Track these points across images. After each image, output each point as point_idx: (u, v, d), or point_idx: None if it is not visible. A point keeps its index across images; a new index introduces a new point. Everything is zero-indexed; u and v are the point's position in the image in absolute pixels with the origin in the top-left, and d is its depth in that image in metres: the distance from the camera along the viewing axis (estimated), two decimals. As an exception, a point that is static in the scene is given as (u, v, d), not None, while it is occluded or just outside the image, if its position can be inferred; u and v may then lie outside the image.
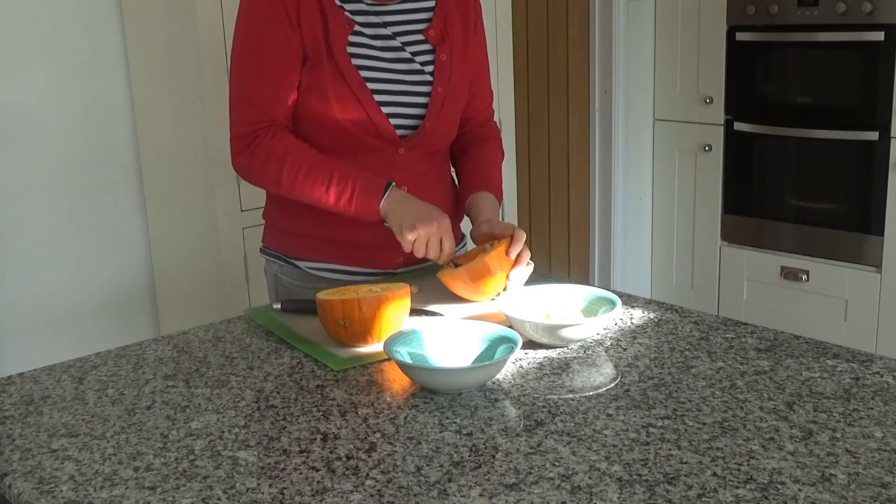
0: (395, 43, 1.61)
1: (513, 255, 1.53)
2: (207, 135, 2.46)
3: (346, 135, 1.58)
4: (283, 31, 1.55)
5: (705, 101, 3.40)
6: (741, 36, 3.27)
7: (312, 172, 1.55)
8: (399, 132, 1.62)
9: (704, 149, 3.44)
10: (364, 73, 1.57)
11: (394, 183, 1.55)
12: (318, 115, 1.57)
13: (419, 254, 1.52)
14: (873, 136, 2.98)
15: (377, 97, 1.58)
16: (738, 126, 3.33)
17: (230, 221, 2.52)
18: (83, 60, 2.68)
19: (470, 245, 1.75)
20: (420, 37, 1.63)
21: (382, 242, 1.65)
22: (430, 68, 1.63)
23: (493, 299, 1.55)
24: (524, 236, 1.55)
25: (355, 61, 1.57)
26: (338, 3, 1.57)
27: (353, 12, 1.58)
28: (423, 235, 1.50)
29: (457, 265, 1.55)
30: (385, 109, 1.59)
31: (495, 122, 1.87)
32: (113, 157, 2.77)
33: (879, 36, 2.91)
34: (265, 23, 1.55)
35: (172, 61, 2.56)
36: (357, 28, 1.58)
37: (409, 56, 1.62)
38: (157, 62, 2.64)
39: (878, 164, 2.99)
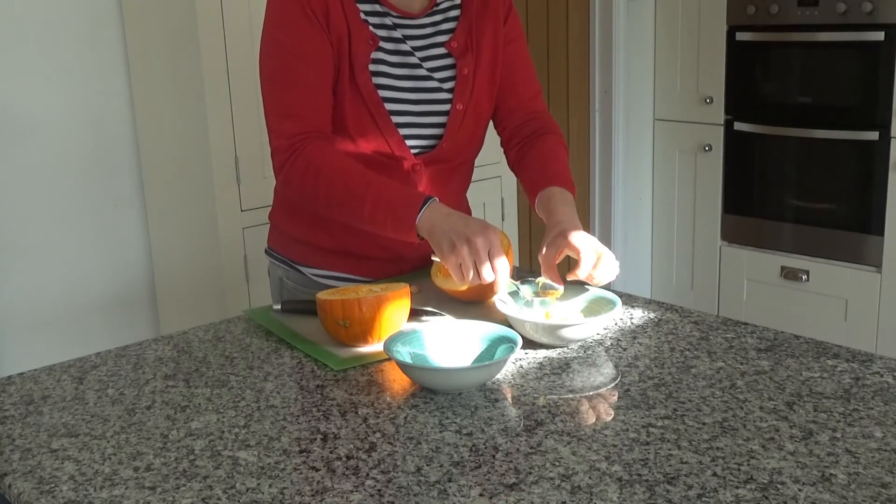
0: (413, 59, 1.55)
1: (579, 275, 1.40)
2: (208, 135, 2.46)
3: (360, 153, 1.54)
4: (319, 36, 1.48)
5: (705, 101, 3.40)
6: (741, 36, 3.27)
7: (348, 184, 1.45)
8: (415, 151, 1.57)
9: (704, 149, 3.44)
10: (382, 93, 1.52)
11: (435, 199, 1.41)
12: (335, 132, 1.53)
13: (470, 279, 1.34)
14: (873, 136, 2.98)
15: (395, 118, 1.54)
16: (738, 126, 3.33)
17: (230, 221, 2.52)
18: (83, 60, 2.68)
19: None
20: (442, 50, 1.57)
21: (393, 256, 1.64)
22: (449, 84, 1.58)
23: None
24: (593, 261, 1.40)
25: (375, 80, 1.52)
26: (363, 17, 1.51)
27: (377, 26, 1.52)
28: (467, 255, 1.33)
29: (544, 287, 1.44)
30: (402, 131, 1.55)
31: (551, 116, 1.73)
32: (113, 158, 2.77)
33: (879, 36, 2.91)
34: (298, 29, 1.48)
35: (172, 61, 2.57)
36: (381, 44, 1.52)
37: (427, 73, 1.56)
38: (157, 62, 2.64)
39: (878, 164, 2.99)
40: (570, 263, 1.46)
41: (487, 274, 1.33)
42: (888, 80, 2.92)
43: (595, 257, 1.40)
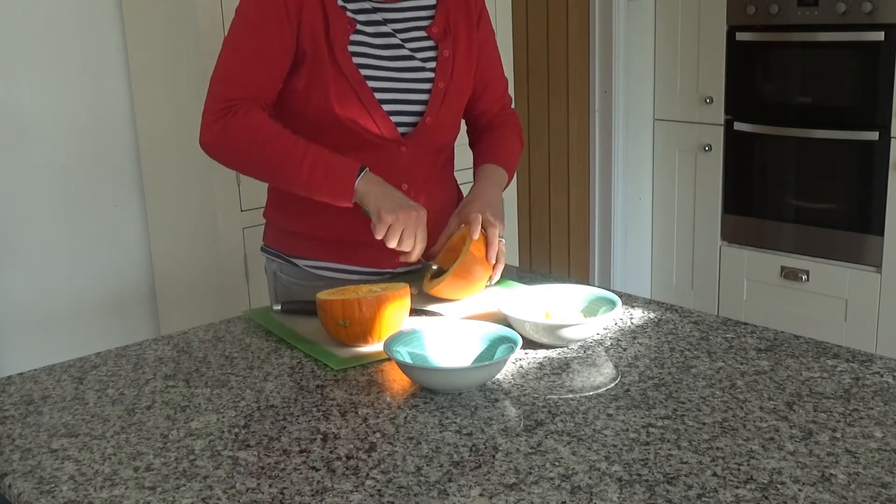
0: (395, 40, 1.61)
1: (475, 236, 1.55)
2: (207, 135, 2.45)
3: (348, 133, 1.58)
4: (281, 29, 1.55)
5: (705, 101, 3.40)
6: (741, 36, 3.27)
7: (285, 147, 1.53)
8: (400, 129, 1.62)
9: (704, 149, 3.44)
10: (364, 72, 1.58)
11: (368, 168, 1.52)
12: (320, 114, 1.58)
13: (391, 243, 1.49)
14: (873, 136, 2.98)
15: (378, 95, 1.59)
16: (738, 126, 3.33)
17: (230, 221, 2.52)
18: (83, 60, 2.68)
19: None
20: (423, 34, 1.64)
21: (381, 243, 1.65)
22: (431, 64, 1.64)
23: (487, 285, 1.58)
24: (479, 220, 1.55)
25: (356, 60, 1.57)
26: (340, 3, 1.57)
27: (355, 11, 1.59)
28: (401, 221, 1.48)
29: (435, 274, 1.57)
30: (386, 107, 1.59)
31: (513, 110, 1.87)
32: (113, 157, 2.77)
33: (879, 36, 2.91)
34: (264, 18, 1.55)
35: (172, 61, 2.56)
36: (359, 27, 1.58)
37: (409, 53, 1.62)
38: (157, 62, 2.64)
39: (878, 164, 2.99)
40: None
41: (406, 245, 1.50)
42: (888, 80, 2.91)
43: (478, 221, 1.54)
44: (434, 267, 1.58)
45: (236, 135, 1.55)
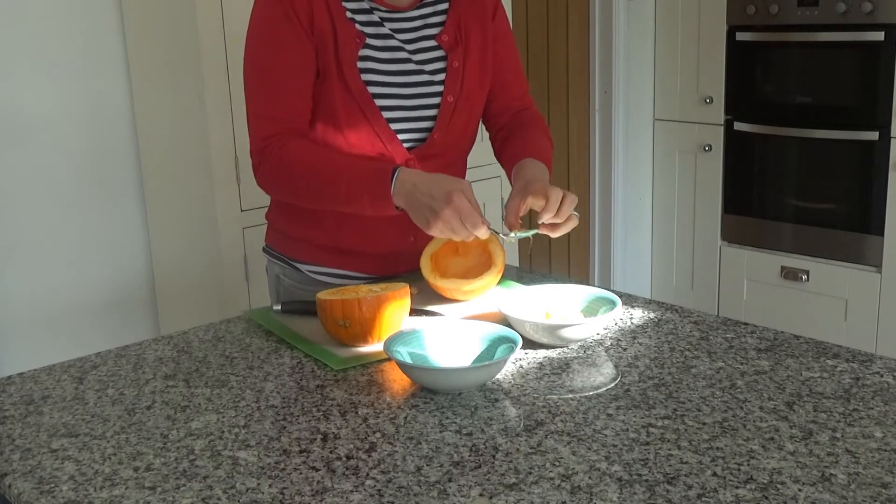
0: (402, 54, 1.56)
1: (545, 219, 1.46)
2: (207, 135, 2.46)
3: (353, 149, 1.55)
4: (299, 40, 1.50)
5: (705, 101, 3.40)
6: (741, 36, 3.27)
7: (320, 172, 1.49)
8: (407, 145, 1.58)
9: (704, 149, 3.44)
10: (372, 90, 1.54)
11: (398, 169, 1.43)
12: (326, 132, 1.55)
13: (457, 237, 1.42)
14: (873, 136, 2.98)
15: (386, 114, 1.55)
16: (738, 126, 3.33)
17: (230, 221, 2.52)
18: (83, 60, 2.68)
19: None
20: (433, 43, 1.59)
21: (387, 252, 1.64)
22: (440, 76, 1.59)
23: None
24: (558, 200, 1.45)
25: (364, 76, 1.53)
26: (349, 15, 1.53)
27: (364, 24, 1.54)
28: (449, 227, 1.39)
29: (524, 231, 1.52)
30: (394, 126, 1.56)
31: (538, 111, 1.78)
32: (113, 157, 2.77)
33: (879, 36, 2.91)
34: (279, 32, 1.50)
35: (172, 61, 2.57)
36: (367, 41, 1.54)
37: (416, 67, 1.57)
38: (157, 62, 2.64)
39: (878, 164, 2.99)
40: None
41: (466, 236, 1.41)
42: (888, 80, 2.91)
43: (559, 197, 1.45)
44: (516, 234, 1.49)
45: (276, 175, 1.53)
